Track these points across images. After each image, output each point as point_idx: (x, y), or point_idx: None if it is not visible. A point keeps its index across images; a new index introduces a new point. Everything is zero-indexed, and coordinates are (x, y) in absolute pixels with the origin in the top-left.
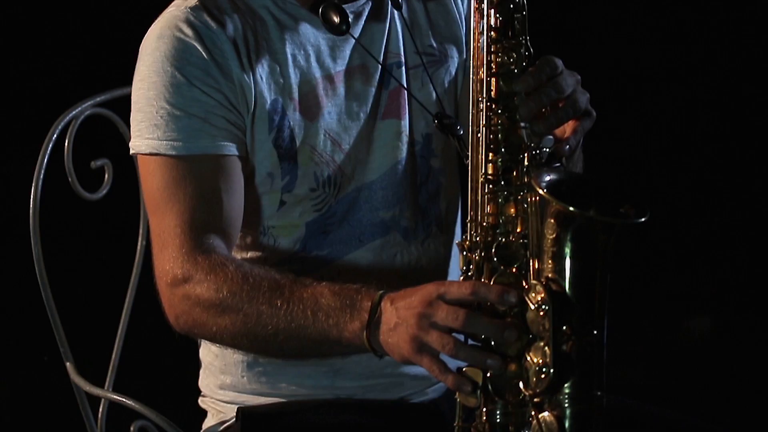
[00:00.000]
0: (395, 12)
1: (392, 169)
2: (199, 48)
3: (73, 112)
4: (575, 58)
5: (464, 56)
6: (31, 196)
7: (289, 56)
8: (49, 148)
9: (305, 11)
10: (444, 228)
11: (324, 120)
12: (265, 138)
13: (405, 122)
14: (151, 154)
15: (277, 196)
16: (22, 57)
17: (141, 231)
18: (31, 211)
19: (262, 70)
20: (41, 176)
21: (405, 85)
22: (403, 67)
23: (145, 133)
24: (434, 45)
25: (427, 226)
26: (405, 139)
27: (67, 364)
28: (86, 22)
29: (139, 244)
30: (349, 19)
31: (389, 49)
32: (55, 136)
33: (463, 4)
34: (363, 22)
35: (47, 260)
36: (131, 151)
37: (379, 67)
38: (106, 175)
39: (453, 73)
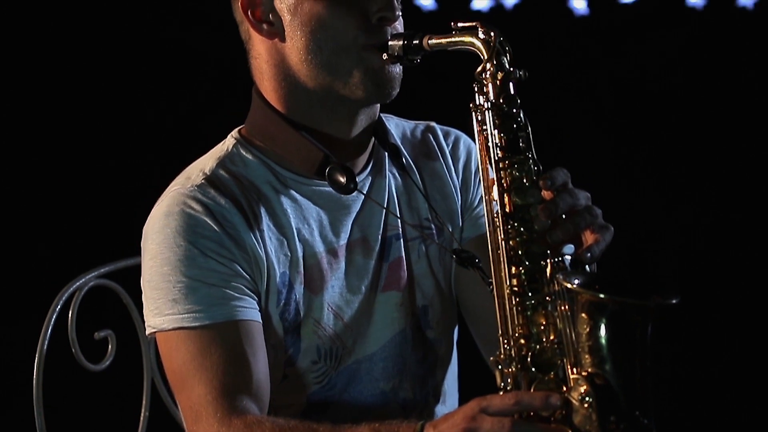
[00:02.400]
0: (393, 186)
1: (391, 341)
2: (210, 222)
3: (77, 284)
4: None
5: (461, 227)
6: (35, 367)
7: (294, 230)
8: (53, 319)
9: (305, 186)
10: (441, 399)
11: (327, 293)
12: (274, 311)
13: (404, 294)
14: (173, 329)
15: (280, 370)
16: (27, 228)
17: (144, 402)
18: (34, 381)
19: (271, 243)
20: (45, 347)
21: (404, 257)
22: (401, 240)
23: (164, 310)
24: (430, 218)
25: (424, 397)
26: (404, 310)
27: None
28: (91, 194)
29: (142, 415)
30: (356, 179)
31: (388, 222)
32: (58, 307)
33: (458, 177)
34: (363, 196)
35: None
36: (148, 332)
37: (379, 239)
38: (110, 347)
39: (449, 245)
